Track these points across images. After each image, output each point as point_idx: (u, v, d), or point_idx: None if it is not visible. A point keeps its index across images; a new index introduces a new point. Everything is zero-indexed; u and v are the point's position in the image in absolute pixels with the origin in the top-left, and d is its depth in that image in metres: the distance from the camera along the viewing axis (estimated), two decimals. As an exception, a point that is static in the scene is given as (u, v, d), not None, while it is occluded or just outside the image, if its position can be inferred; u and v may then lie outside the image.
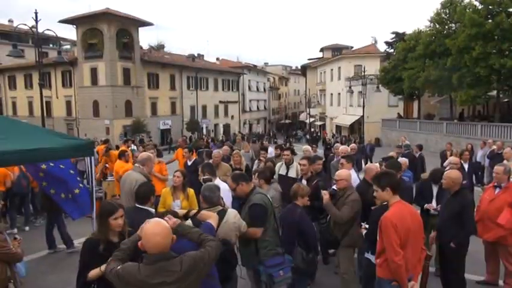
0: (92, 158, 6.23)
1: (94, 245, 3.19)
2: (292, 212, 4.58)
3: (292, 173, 7.44)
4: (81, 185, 6.45)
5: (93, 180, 6.29)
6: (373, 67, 39.12)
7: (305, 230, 4.52)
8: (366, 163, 19.87)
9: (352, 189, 5.17)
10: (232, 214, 3.99)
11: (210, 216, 3.53)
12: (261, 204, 4.32)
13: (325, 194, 5.15)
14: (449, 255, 4.97)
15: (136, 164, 5.90)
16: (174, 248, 2.81)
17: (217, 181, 5.50)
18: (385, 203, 3.79)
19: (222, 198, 4.22)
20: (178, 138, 28.29)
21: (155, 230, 2.66)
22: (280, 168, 7.60)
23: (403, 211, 3.57)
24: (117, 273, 2.70)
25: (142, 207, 4.01)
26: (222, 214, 3.86)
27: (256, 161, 9.14)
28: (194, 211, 3.72)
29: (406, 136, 22.50)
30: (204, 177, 5.23)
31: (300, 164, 6.69)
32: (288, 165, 7.53)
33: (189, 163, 9.28)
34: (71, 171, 6.51)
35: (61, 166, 6.35)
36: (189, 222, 3.64)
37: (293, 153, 7.85)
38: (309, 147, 9.73)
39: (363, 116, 35.59)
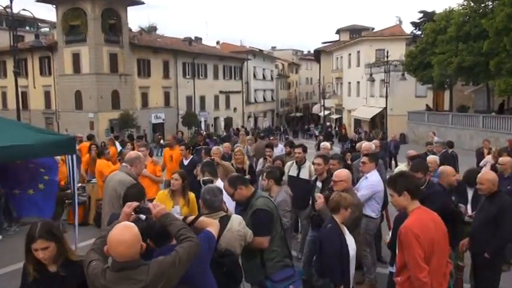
0: (74, 156, 6.27)
1: (25, 272, 3.16)
2: (333, 235, 4.30)
3: (304, 174, 7.51)
4: (45, 177, 6.49)
5: (75, 183, 6.35)
6: (397, 51, 39.01)
7: (343, 257, 4.29)
8: (390, 162, 19.94)
9: (352, 192, 5.14)
10: (236, 221, 4.01)
11: (210, 224, 3.55)
12: (265, 209, 4.32)
13: (319, 198, 5.14)
14: (482, 267, 4.93)
15: (123, 164, 5.94)
16: (162, 252, 2.97)
17: (219, 183, 5.51)
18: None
19: (225, 203, 4.21)
20: (172, 133, 28.44)
21: (120, 238, 2.76)
22: (290, 169, 7.65)
23: (425, 218, 3.55)
24: (87, 270, 2.88)
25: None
26: (225, 221, 3.88)
27: (261, 160, 9.21)
28: (192, 217, 3.71)
29: (435, 131, 22.42)
30: (204, 178, 5.23)
31: (314, 164, 6.68)
32: (300, 164, 7.59)
33: (186, 162, 9.28)
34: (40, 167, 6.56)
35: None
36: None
37: (305, 150, 7.88)
38: (328, 144, 9.77)
39: (385, 108, 35.53)
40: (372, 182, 6.37)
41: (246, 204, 4.49)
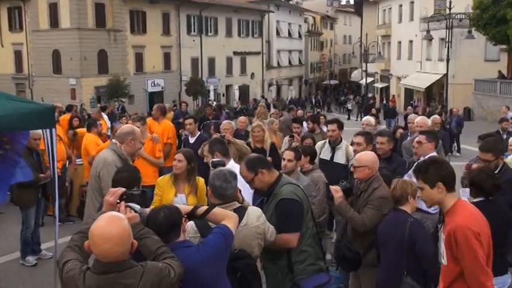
0: (53, 131, 6.31)
1: None
2: (401, 225, 4.49)
3: (339, 157, 7.49)
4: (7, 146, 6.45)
5: (55, 163, 6.41)
6: (463, 2, 37.87)
7: (422, 250, 4.42)
8: (452, 143, 19.64)
9: (379, 181, 5.10)
10: (254, 214, 4.00)
11: (227, 216, 3.57)
12: (293, 199, 4.30)
13: (336, 191, 5.15)
14: None
15: (113, 140, 5.89)
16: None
17: (232, 165, 5.50)
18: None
19: (240, 191, 4.18)
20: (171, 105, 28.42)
21: (106, 232, 2.73)
22: (322, 150, 7.62)
23: (475, 213, 3.60)
24: (61, 273, 2.92)
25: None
26: (239, 214, 3.83)
27: (286, 139, 9.18)
28: (204, 208, 3.69)
29: (510, 106, 21.98)
30: (214, 159, 5.23)
31: (353, 144, 6.64)
32: (334, 145, 7.55)
33: (192, 140, 9.36)
34: None
35: None
36: (191, 225, 3.65)
37: (340, 127, 7.91)
38: (371, 120, 9.65)
39: (446, 76, 35.16)
40: None
41: (268, 193, 4.47)
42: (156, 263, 2.95)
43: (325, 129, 9.24)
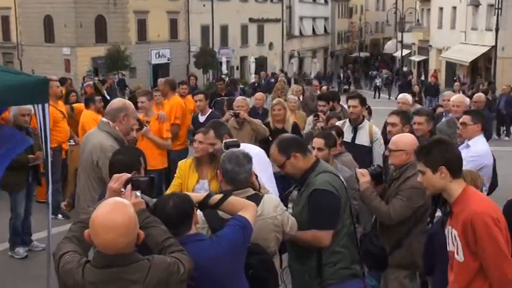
0: (46, 106, 6.35)
1: None
2: None
3: (363, 139, 7.50)
4: None
5: (48, 143, 6.46)
6: (516, -38, 37.86)
7: None
8: (499, 127, 19.59)
9: (415, 169, 4.65)
10: (271, 203, 4.01)
11: (245, 206, 3.59)
12: (329, 190, 4.21)
13: (362, 175, 5.11)
14: None
15: (103, 119, 5.76)
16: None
17: (247, 145, 5.50)
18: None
19: (257, 176, 4.23)
20: (180, 78, 28.34)
21: (108, 221, 2.72)
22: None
23: (487, 199, 3.67)
24: (57, 266, 2.92)
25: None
26: (253, 202, 3.81)
27: (310, 118, 9.22)
28: (218, 196, 3.68)
29: None
30: (227, 140, 5.20)
31: (388, 124, 6.62)
32: (356, 124, 7.59)
33: (202, 119, 9.40)
34: None
35: None
36: (199, 215, 3.63)
37: (363, 103, 7.84)
38: (408, 97, 9.56)
39: (494, 48, 34.92)
40: (477, 151, 6.23)
41: (302, 181, 4.41)
42: (164, 257, 2.95)
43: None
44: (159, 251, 3.04)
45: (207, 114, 9.47)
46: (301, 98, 13.48)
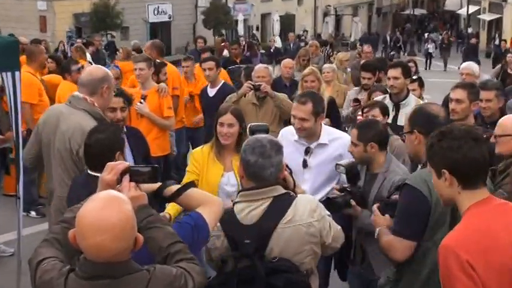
0: (17, 75, 6.41)
1: None
2: None
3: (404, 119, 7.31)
4: None
5: (19, 121, 6.52)
6: None
7: None
8: None
9: None
10: (305, 205, 3.96)
11: (206, 201, 3.64)
12: (418, 189, 4.11)
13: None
14: None
15: (75, 94, 5.72)
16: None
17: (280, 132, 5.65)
18: None
19: (290, 171, 4.29)
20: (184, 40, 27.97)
21: (99, 219, 2.67)
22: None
23: (482, 229, 3.29)
24: (34, 277, 2.91)
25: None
26: (282, 204, 3.90)
27: (352, 92, 9.41)
28: (175, 187, 3.59)
29: None
30: (253, 123, 5.14)
31: (452, 101, 6.43)
32: (398, 100, 7.58)
33: (211, 92, 9.45)
34: None
35: None
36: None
37: (407, 73, 7.80)
38: (473, 67, 9.38)
39: None
40: None
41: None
42: (169, 267, 2.91)
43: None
44: (164, 259, 3.02)
45: (218, 87, 9.51)
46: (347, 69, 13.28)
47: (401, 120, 6.91)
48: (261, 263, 3.63)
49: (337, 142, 5.60)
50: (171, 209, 5.28)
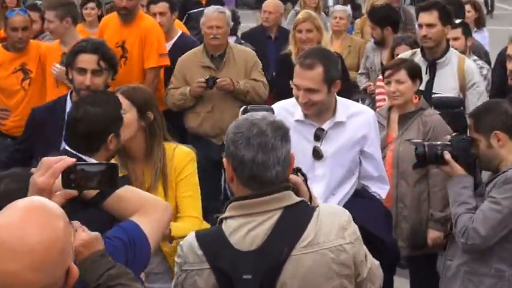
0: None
1: None
2: None
3: (446, 84, 6.64)
4: None
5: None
6: None
7: None
8: None
9: None
10: (332, 221, 3.12)
11: (148, 205, 3.10)
12: None
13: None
14: None
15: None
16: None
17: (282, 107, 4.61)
18: None
19: (305, 177, 3.33)
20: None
21: (13, 238, 2.09)
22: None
23: None
24: None
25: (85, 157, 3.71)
26: (298, 219, 3.11)
27: (369, 47, 8.08)
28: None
29: None
30: (251, 106, 4.22)
31: (510, 58, 5.38)
32: (434, 58, 6.56)
33: (166, 46, 7.77)
34: None
35: None
36: (190, 246, 3.17)
37: (445, 18, 6.79)
38: None
39: None
40: None
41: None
42: None
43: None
44: None
45: (174, 39, 8.10)
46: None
47: (440, 85, 6.41)
48: None
49: (357, 119, 4.64)
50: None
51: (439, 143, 4.65)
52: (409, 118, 5.51)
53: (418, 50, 6.65)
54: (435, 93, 6.29)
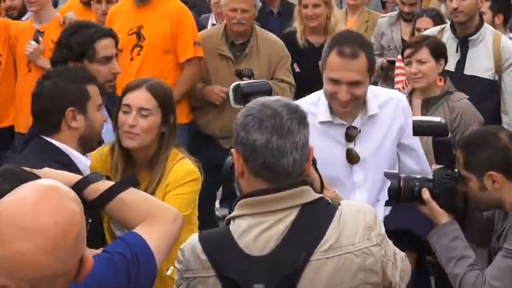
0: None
1: None
2: None
3: (479, 63, 6.18)
4: None
5: None
6: None
7: None
8: None
9: None
10: (357, 221, 2.81)
11: (156, 214, 2.90)
12: None
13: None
14: None
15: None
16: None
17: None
18: None
19: (315, 163, 3.05)
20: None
21: (27, 218, 1.98)
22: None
23: None
24: None
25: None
26: (318, 219, 2.81)
27: (385, 19, 7.62)
28: (102, 185, 2.88)
29: None
30: (244, 82, 3.91)
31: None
32: (465, 35, 6.11)
33: None
34: None
35: None
36: (193, 253, 2.85)
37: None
38: None
39: None
40: None
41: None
42: None
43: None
44: None
45: None
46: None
47: (472, 65, 5.98)
48: None
49: (390, 107, 4.12)
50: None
51: (418, 176, 3.94)
52: (433, 103, 5.06)
53: (447, 25, 6.14)
54: (465, 76, 5.89)
